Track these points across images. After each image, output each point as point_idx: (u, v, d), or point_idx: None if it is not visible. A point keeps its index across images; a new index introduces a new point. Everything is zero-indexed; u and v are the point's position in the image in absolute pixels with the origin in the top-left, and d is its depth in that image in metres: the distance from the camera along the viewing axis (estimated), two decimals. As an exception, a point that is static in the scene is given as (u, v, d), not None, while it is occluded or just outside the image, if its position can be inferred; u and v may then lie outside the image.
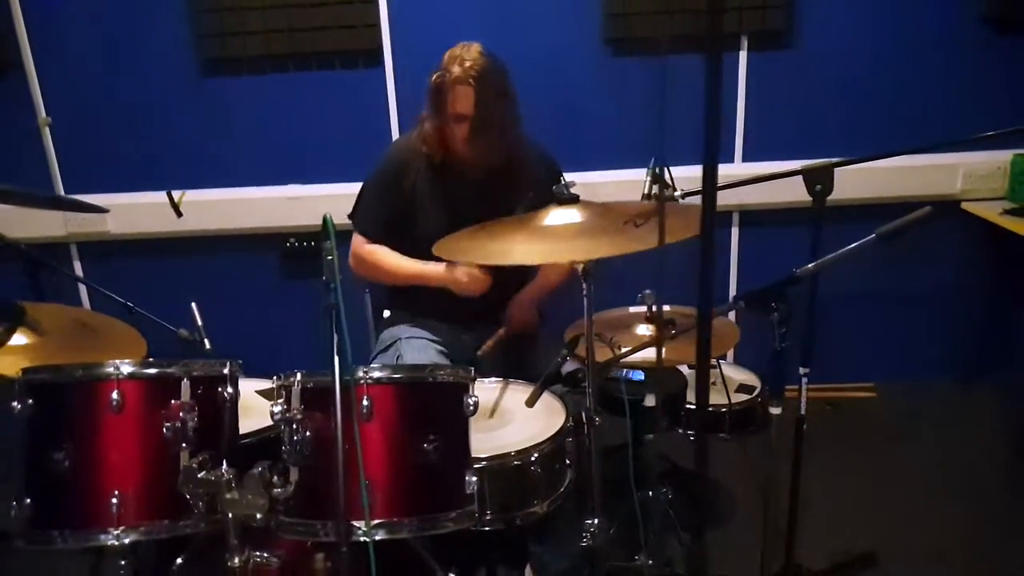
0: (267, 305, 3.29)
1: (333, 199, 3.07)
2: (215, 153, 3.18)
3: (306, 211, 3.18)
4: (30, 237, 2.96)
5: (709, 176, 0.95)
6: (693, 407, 2.40)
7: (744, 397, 2.46)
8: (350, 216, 2.47)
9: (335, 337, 1.17)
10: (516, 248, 1.72)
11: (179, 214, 2.35)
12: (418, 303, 2.43)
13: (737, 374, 2.64)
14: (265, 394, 1.91)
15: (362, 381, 1.40)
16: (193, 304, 2.05)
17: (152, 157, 3.16)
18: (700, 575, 1.62)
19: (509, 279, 2.42)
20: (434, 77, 2.20)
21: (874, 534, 2.49)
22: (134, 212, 3.11)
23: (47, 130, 3.08)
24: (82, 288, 3.12)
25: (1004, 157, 3.12)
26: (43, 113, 3.08)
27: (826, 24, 3.06)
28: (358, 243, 2.44)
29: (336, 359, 1.15)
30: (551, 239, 1.68)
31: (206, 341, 2.00)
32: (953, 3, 3.02)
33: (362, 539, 1.28)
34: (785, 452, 2.03)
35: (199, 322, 2.04)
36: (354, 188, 2.43)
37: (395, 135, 3.14)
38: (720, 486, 2.72)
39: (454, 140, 2.25)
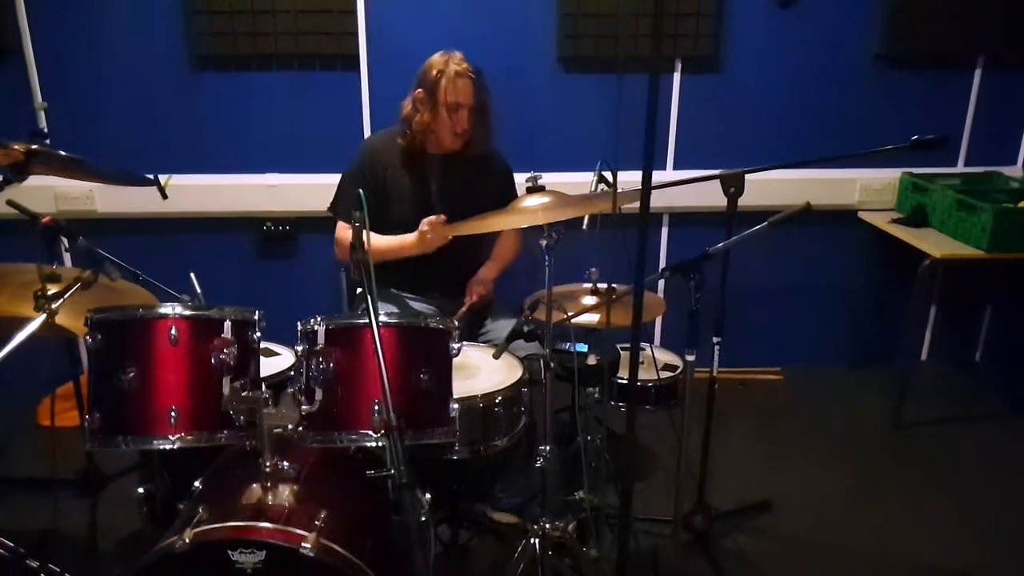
0: (242, 284, 3.48)
1: (308, 188, 3.39)
2: (201, 142, 3.39)
3: (282, 198, 3.43)
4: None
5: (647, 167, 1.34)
6: (624, 381, 2.80)
7: (668, 374, 2.83)
8: (330, 208, 2.71)
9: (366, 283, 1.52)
10: (505, 220, 2.15)
11: (164, 196, 2.59)
12: (390, 279, 2.67)
13: (663, 355, 2.98)
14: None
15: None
16: (192, 274, 2.34)
17: (142, 142, 3.34)
18: (628, 513, 1.98)
19: (470, 259, 2.73)
20: (433, 72, 2.46)
21: (772, 487, 2.90)
22: (122, 193, 3.21)
23: (43, 113, 3.30)
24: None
25: (894, 175, 3.62)
26: (39, 98, 3.29)
27: (748, 53, 3.45)
28: (341, 229, 2.67)
29: (369, 299, 1.49)
30: (528, 214, 2.06)
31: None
32: (854, 42, 3.46)
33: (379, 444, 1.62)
34: (700, 417, 2.42)
35: (198, 289, 2.34)
36: (327, 179, 2.58)
37: (367, 132, 3.40)
38: (646, 448, 3.09)
39: (446, 128, 2.51)
